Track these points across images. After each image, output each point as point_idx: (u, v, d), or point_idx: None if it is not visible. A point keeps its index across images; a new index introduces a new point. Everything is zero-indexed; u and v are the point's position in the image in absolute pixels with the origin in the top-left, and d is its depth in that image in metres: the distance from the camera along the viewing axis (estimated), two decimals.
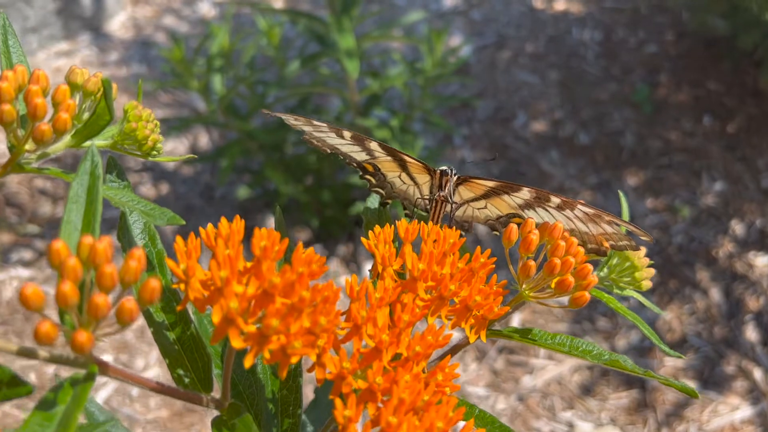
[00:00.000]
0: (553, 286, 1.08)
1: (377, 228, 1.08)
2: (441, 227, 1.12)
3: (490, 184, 1.15)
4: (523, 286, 1.09)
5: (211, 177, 4.04)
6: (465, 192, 1.18)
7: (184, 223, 0.91)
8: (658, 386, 3.30)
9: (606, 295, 1.18)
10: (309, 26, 3.46)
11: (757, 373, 3.34)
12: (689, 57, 4.83)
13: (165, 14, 5.13)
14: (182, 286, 0.84)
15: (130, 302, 0.69)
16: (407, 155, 1.19)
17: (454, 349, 1.13)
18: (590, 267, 1.06)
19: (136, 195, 0.97)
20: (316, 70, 3.56)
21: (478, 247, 1.04)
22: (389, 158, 1.21)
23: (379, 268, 1.03)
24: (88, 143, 0.96)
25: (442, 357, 1.15)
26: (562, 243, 1.05)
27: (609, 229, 1.12)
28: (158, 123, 1.00)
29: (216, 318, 0.80)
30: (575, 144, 4.34)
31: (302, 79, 4.28)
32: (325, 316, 0.82)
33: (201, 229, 0.90)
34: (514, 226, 1.09)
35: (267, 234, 0.84)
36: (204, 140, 4.27)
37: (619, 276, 1.23)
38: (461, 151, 4.29)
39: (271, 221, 3.81)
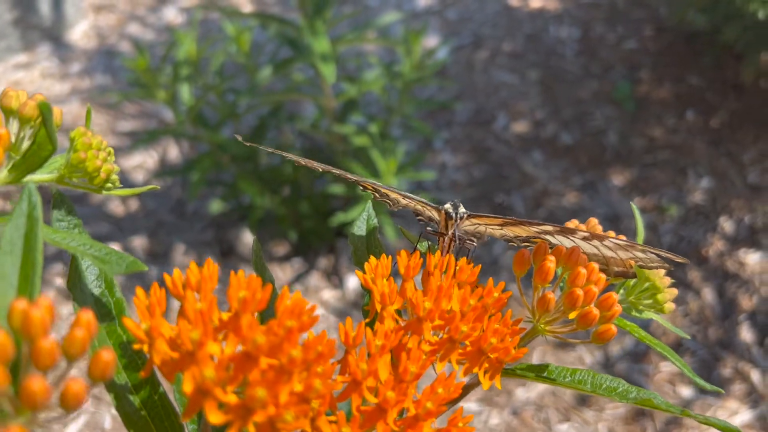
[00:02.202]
0: (571, 316, 0.96)
1: (372, 260, 0.94)
2: (449, 250, 1.00)
3: (507, 220, 1.01)
4: (538, 319, 0.96)
5: (183, 191, 3.87)
6: (477, 222, 1.04)
7: (146, 269, 0.76)
8: (656, 392, 3.19)
9: (628, 322, 1.05)
10: (280, 30, 3.31)
11: (755, 375, 3.25)
12: (669, 52, 4.76)
13: (129, 22, 4.94)
14: (146, 347, 0.70)
15: (76, 384, 0.54)
16: (406, 194, 1.06)
17: (464, 391, 1.00)
18: (615, 296, 0.93)
19: (88, 236, 0.82)
20: (289, 76, 3.41)
21: (490, 280, 0.91)
22: (388, 191, 1.09)
23: (378, 307, 0.89)
24: (28, 178, 0.81)
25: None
26: (583, 270, 0.92)
27: (641, 255, 1.00)
28: (112, 151, 0.85)
29: (188, 388, 0.65)
30: (558, 144, 4.24)
31: (275, 85, 4.13)
32: (320, 378, 0.68)
33: (166, 275, 0.75)
34: (526, 252, 0.96)
35: (246, 282, 0.69)
36: (174, 152, 4.09)
37: (638, 298, 1.11)
38: (442, 155, 4.17)
39: (246, 235, 3.65)
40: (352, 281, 3.54)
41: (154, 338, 0.67)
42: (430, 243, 1.10)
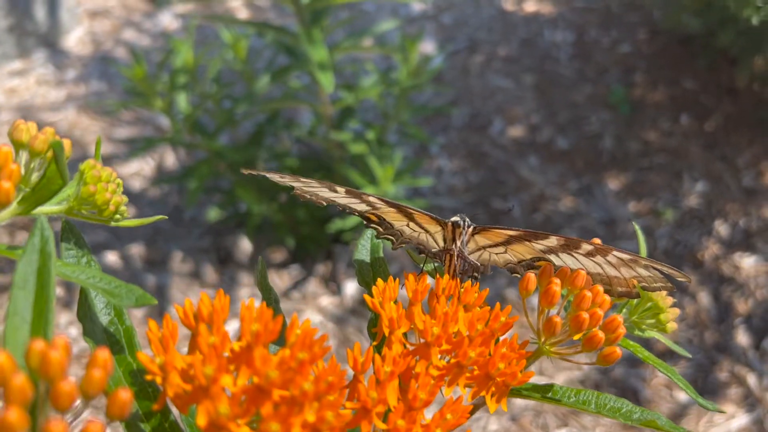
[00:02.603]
0: (576, 337, 0.97)
1: (380, 282, 0.95)
2: (456, 276, 1.00)
3: (512, 232, 1.02)
4: (543, 340, 0.97)
5: (180, 198, 3.87)
6: (482, 239, 1.05)
7: (155, 302, 0.76)
8: (653, 398, 3.22)
9: (631, 342, 1.06)
10: (277, 38, 3.31)
11: (751, 379, 3.27)
12: (663, 56, 4.78)
13: (124, 28, 4.93)
14: (158, 379, 0.70)
15: (95, 426, 0.55)
16: (413, 209, 1.06)
17: (470, 412, 1.01)
18: (620, 319, 0.95)
19: (98, 268, 0.82)
20: (287, 83, 3.41)
21: (498, 305, 0.92)
22: (392, 209, 1.08)
23: (386, 332, 0.90)
24: (38, 210, 0.81)
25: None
26: (588, 293, 0.93)
27: (644, 272, 1.00)
28: (121, 183, 0.86)
29: (202, 421, 0.66)
30: (554, 149, 4.26)
31: (272, 91, 4.13)
32: (331, 410, 0.69)
33: (177, 307, 0.76)
34: (531, 276, 0.97)
35: (258, 313, 0.70)
36: (171, 159, 4.09)
37: (640, 318, 1.12)
38: (439, 161, 4.18)
39: (244, 242, 3.65)
40: (350, 288, 3.55)
41: (168, 372, 0.67)
42: (436, 264, 1.10)
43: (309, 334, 0.73)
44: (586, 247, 0.99)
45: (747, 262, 3.69)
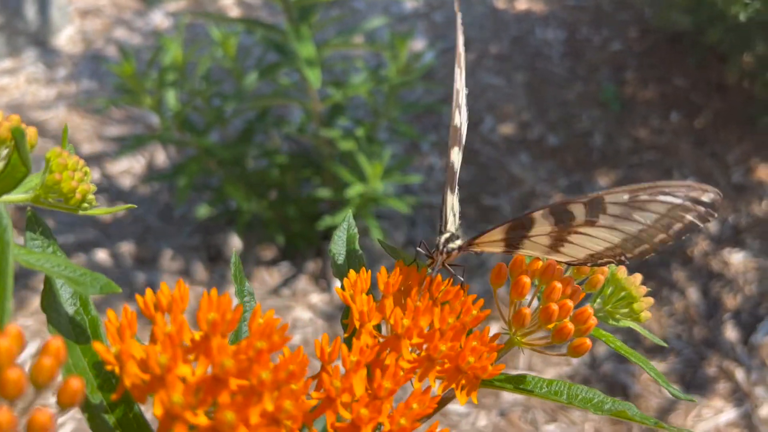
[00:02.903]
0: (549, 327, 0.97)
1: (352, 274, 0.95)
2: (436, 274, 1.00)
3: (499, 235, 0.95)
4: (515, 332, 0.97)
5: (170, 196, 3.86)
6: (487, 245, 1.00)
7: (119, 291, 0.76)
8: (642, 393, 3.22)
9: (603, 332, 1.06)
10: (266, 35, 3.31)
11: (739, 374, 3.28)
12: (654, 53, 4.78)
13: (116, 26, 4.92)
14: (116, 369, 0.70)
15: (43, 414, 0.55)
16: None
17: (440, 404, 1.00)
18: (590, 310, 0.94)
19: (64, 257, 0.82)
20: (276, 81, 3.41)
21: (469, 298, 0.91)
22: None
23: (356, 324, 0.90)
24: (3, 198, 0.81)
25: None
26: (558, 285, 0.93)
27: (661, 208, 0.86)
28: (88, 171, 0.86)
29: (158, 411, 0.66)
30: (545, 146, 4.26)
31: (262, 89, 4.12)
32: (291, 399, 0.69)
33: (138, 297, 0.76)
34: (503, 266, 0.97)
35: (216, 303, 0.70)
36: (161, 157, 4.09)
37: (614, 308, 1.12)
38: (430, 158, 4.18)
39: (234, 240, 3.65)
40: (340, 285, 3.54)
41: (124, 361, 0.67)
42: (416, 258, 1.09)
43: (270, 323, 0.72)
44: (577, 207, 0.88)
45: (736, 258, 3.69)
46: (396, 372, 0.83)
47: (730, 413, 3.16)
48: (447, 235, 1.02)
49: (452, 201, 1.07)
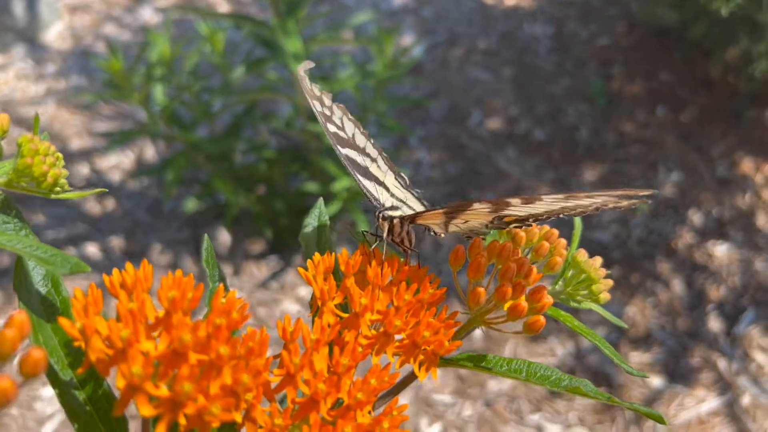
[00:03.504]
0: (505, 307, 1.00)
1: (316, 256, 0.98)
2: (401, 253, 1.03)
3: (441, 211, 1.00)
4: (473, 310, 1.00)
5: (159, 190, 3.89)
6: (429, 220, 1.06)
7: (88, 270, 0.79)
8: (626, 383, 3.26)
9: (563, 313, 1.10)
10: (254, 30, 3.33)
11: (722, 364, 3.33)
12: (641, 48, 4.82)
13: (105, 22, 4.94)
14: (82, 344, 0.73)
15: (3, 381, 0.58)
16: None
17: (404, 382, 1.04)
18: (545, 289, 0.98)
19: (35, 239, 0.85)
20: (264, 75, 3.44)
21: (427, 277, 0.95)
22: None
23: (319, 303, 0.93)
24: None
25: (389, 392, 1.06)
26: (513, 265, 0.96)
27: (597, 201, 0.94)
28: (60, 156, 0.89)
29: (120, 383, 0.69)
30: (531, 141, 4.30)
31: (250, 84, 4.15)
32: (249, 373, 0.72)
33: (105, 276, 0.79)
34: (461, 248, 1.01)
35: (176, 282, 0.73)
36: (150, 152, 4.11)
37: (575, 290, 1.16)
38: (418, 153, 4.21)
39: (222, 234, 3.68)
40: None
41: (89, 336, 0.70)
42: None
43: (231, 302, 0.76)
44: (515, 200, 0.96)
45: (720, 250, 3.74)
46: (354, 348, 0.86)
47: (712, 402, 3.21)
48: (387, 206, 1.07)
49: (392, 181, 1.16)
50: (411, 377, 1.03)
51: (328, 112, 1.20)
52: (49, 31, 4.73)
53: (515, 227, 1.01)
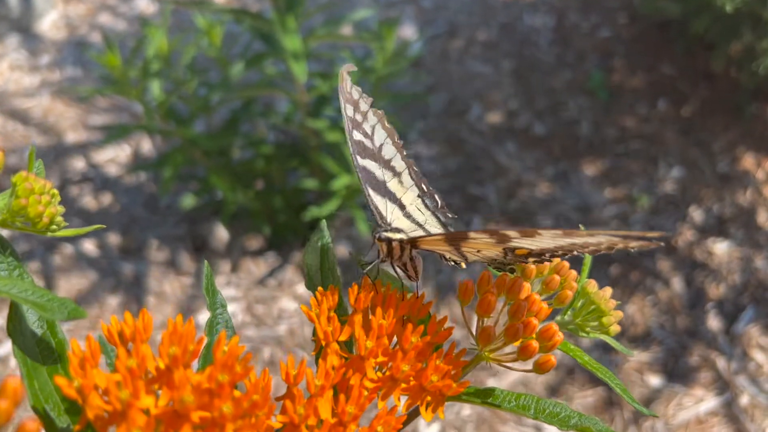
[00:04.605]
0: (516, 343, 0.98)
1: (320, 291, 0.96)
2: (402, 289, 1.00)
3: (439, 238, 0.97)
4: (482, 348, 0.98)
5: (155, 185, 3.85)
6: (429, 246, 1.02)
7: (86, 316, 0.77)
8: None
9: (572, 346, 1.08)
10: (253, 25, 3.28)
11: (721, 363, 3.32)
12: (642, 41, 4.78)
13: (100, 12, 4.87)
14: (79, 401, 0.71)
15: None
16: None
17: (408, 418, 1.02)
18: (556, 327, 0.96)
19: (31, 281, 0.82)
20: (262, 70, 3.39)
21: (434, 315, 0.92)
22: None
23: (322, 343, 0.91)
24: None
25: None
26: (524, 303, 0.94)
27: (601, 239, 0.89)
28: (56, 193, 0.86)
29: None
30: (531, 135, 4.26)
31: (248, 77, 4.10)
32: (253, 430, 0.70)
33: (102, 323, 0.76)
34: (470, 283, 0.98)
35: (177, 335, 0.70)
36: (147, 145, 4.07)
37: (584, 320, 1.13)
38: (417, 147, 4.17)
39: (219, 230, 3.65)
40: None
41: (86, 395, 0.68)
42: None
43: (234, 353, 0.73)
44: (513, 233, 0.90)
45: (720, 248, 3.72)
46: (360, 394, 0.84)
47: (711, 402, 3.20)
48: (387, 228, 1.03)
49: (412, 199, 1.11)
50: (415, 413, 1.01)
51: (359, 119, 1.13)
52: (43, 20, 4.66)
53: (535, 262, 0.98)
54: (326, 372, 0.84)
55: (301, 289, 3.51)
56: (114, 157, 3.97)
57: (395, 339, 0.93)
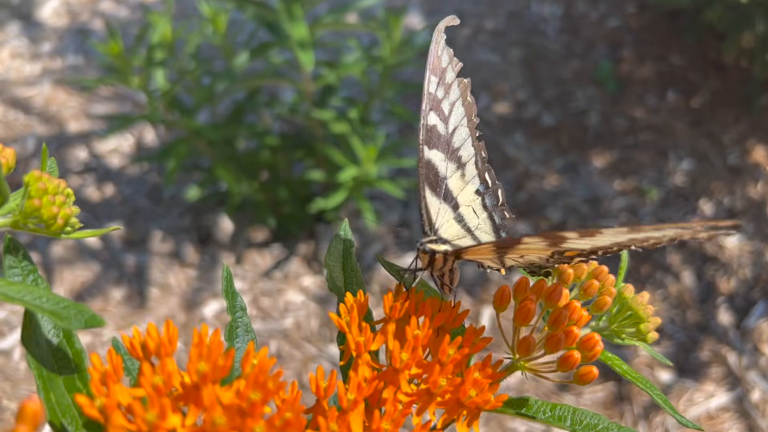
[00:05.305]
0: (553, 351, 0.93)
1: (349, 298, 0.91)
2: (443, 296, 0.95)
3: (489, 247, 0.90)
4: (518, 357, 0.93)
5: (159, 176, 3.79)
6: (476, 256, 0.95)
7: (105, 324, 0.72)
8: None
9: (609, 355, 1.03)
10: (258, 13, 3.21)
11: (731, 358, 3.28)
12: (651, 30, 4.71)
13: None
14: (102, 419, 0.66)
15: None
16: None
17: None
18: (597, 337, 0.91)
19: (45, 287, 0.77)
20: (268, 59, 3.33)
21: (471, 326, 0.88)
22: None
23: (352, 353, 0.86)
24: None
25: None
26: (565, 311, 0.89)
27: (667, 233, 0.84)
28: (71, 193, 0.80)
29: None
30: (539, 126, 4.20)
31: (253, 67, 4.03)
32: None
33: (124, 336, 0.71)
34: (506, 289, 0.93)
35: (205, 350, 0.65)
36: (150, 135, 4.01)
37: (620, 327, 1.09)
38: None
39: (224, 221, 3.60)
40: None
41: (109, 414, 0.63)
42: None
43: (264, 367, 0.68)
44: (571, 234, 0.84)
45: (730, 241, 3.68)
46: (394, 409, 0.79)
47: (722, 397, 3.17)
48: (433, 237, 0.95)
49: (469, 196, 1.03)
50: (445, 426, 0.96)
51: (441, 94, 1.01)
52: (44, 7, 4.58)
53: (580, 261, 0.92)
54: (359, 385, 0.79)
55: (308, 281, 3.46)
56: (117, 147, 3.91)
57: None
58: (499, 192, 1.03)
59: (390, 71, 3.31)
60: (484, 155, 1.03)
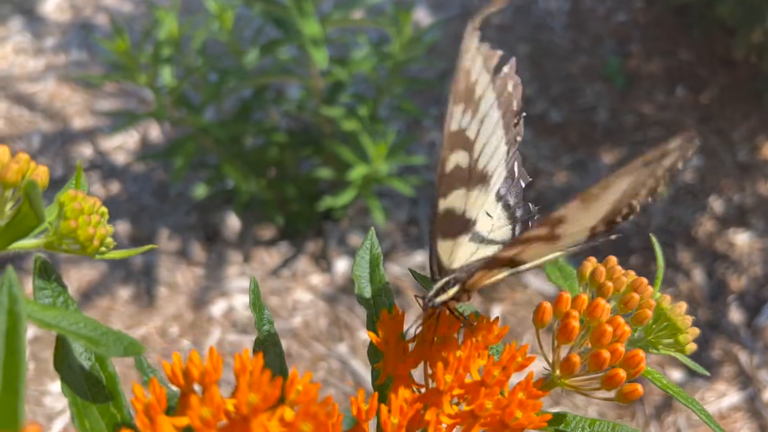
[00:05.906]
0: (597, 370, 0.91)
1: (385, 315, 0.88)
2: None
3: (509, 254, 0.85)
4: (559, 375, 0.91)
5: (165, 173, 3.76)
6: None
7: (144, 351, 0.69)
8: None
9: (650, 369, 1.01)
10: (265, 9, 3.18)
11: (743, 357, 3.27)
12: (659, 25, 4.67)
13: None
14: None
15: None
16: None
17: None
18: (642, 354, 0.89)
19: (79, 312, 0.75)
20: (275, 56, 3.29)
21: (513, 343, 0.85)
22: None
23: (390, 374, 0.84)
24: (15, 245, 0.73)
25: None
26: (609, 328, 0.86)
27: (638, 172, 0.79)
28: (105, 212, 0.78)
29: None
30: (547, 122, 4.17)
31: (261, 63, 3.99)
32: None
33: (165, 364, 0.69)
34: (547, 306, 0.91)
35: (257, 381, 0.63)
36: (155, 132, 3.97)
37: (656, 338, 1.07)
38: (431, 134, 4.09)
39: (231, 219, 3.57)
40: (341, 266, 3.49)
41: None
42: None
43: (311, 394, 0.66)
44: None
45: (741, 239, 3.66)
46: (438, 430, 0.77)
47: (733, 397, 3.15)
48: (441, 282, 0.87)
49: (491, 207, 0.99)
50: None
51: (466, 121, 0.88)
52: (47, 2, 4.54)
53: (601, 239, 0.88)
54: (401, 409, 0.77)
55: (316, 279, 3.44)
56: (122, 144, 3.88)
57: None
58: (521, 182, 1.01)
59: (399, 67, 3.28)
60: (517, 154, 0.97)
